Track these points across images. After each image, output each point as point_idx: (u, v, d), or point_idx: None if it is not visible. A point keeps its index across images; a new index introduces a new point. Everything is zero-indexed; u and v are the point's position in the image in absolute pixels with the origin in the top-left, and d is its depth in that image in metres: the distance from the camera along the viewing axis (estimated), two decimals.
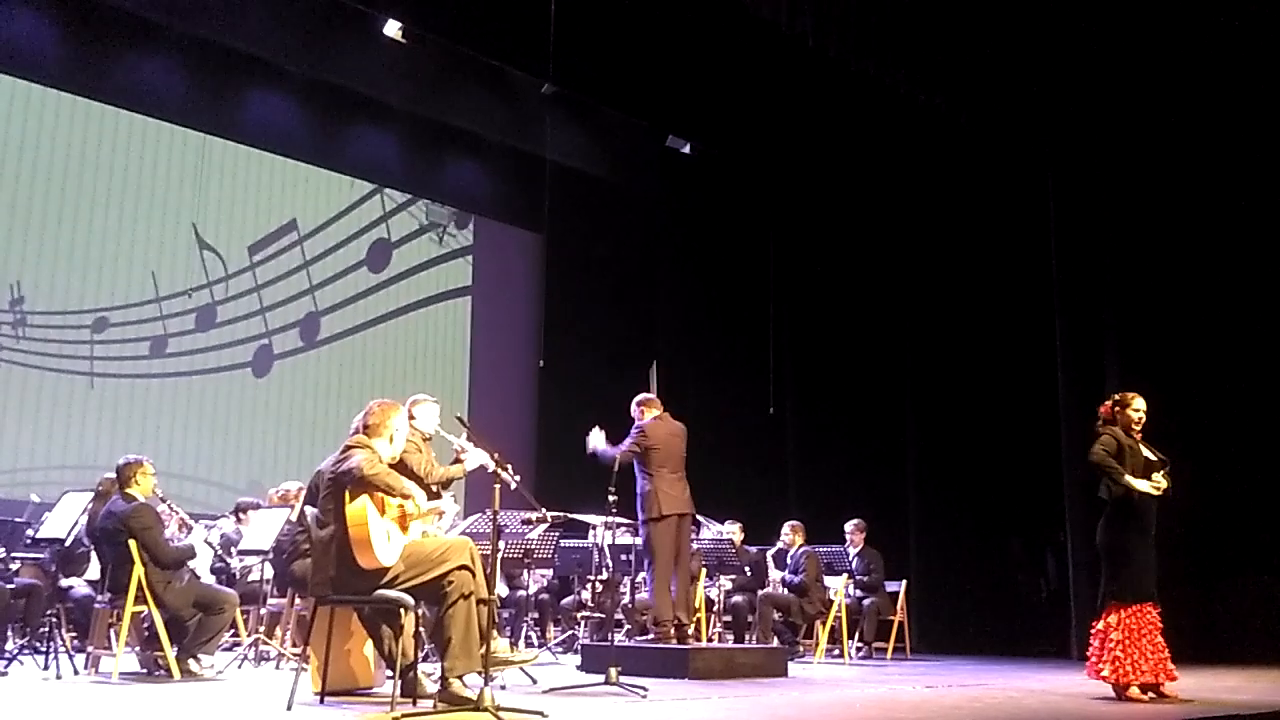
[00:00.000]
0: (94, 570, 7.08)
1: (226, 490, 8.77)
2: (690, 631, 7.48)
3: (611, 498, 6.50)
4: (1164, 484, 6.02)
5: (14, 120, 8.64)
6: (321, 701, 5.02)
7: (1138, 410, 6.20)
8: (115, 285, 8.41)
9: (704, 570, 9.16)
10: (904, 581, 10.49)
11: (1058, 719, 5.18)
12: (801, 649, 9.70)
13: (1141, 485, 5.97)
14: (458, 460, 6.05)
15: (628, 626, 8.61)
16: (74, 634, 7.32)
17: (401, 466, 5.96)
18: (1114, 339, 10.81)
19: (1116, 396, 6.31)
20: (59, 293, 8.16)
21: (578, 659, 7.57)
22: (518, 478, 5.81)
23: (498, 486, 4.76)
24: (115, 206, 8.43)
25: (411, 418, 6.20)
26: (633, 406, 7.68)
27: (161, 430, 8.42)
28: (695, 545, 8.60)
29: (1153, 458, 6.15)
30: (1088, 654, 6.09)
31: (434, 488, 5.96)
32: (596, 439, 7.37)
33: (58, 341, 8.12)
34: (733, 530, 9.64)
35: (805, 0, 9.55)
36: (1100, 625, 6.02)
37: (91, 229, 8.34)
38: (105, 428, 8.17)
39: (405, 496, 4.82)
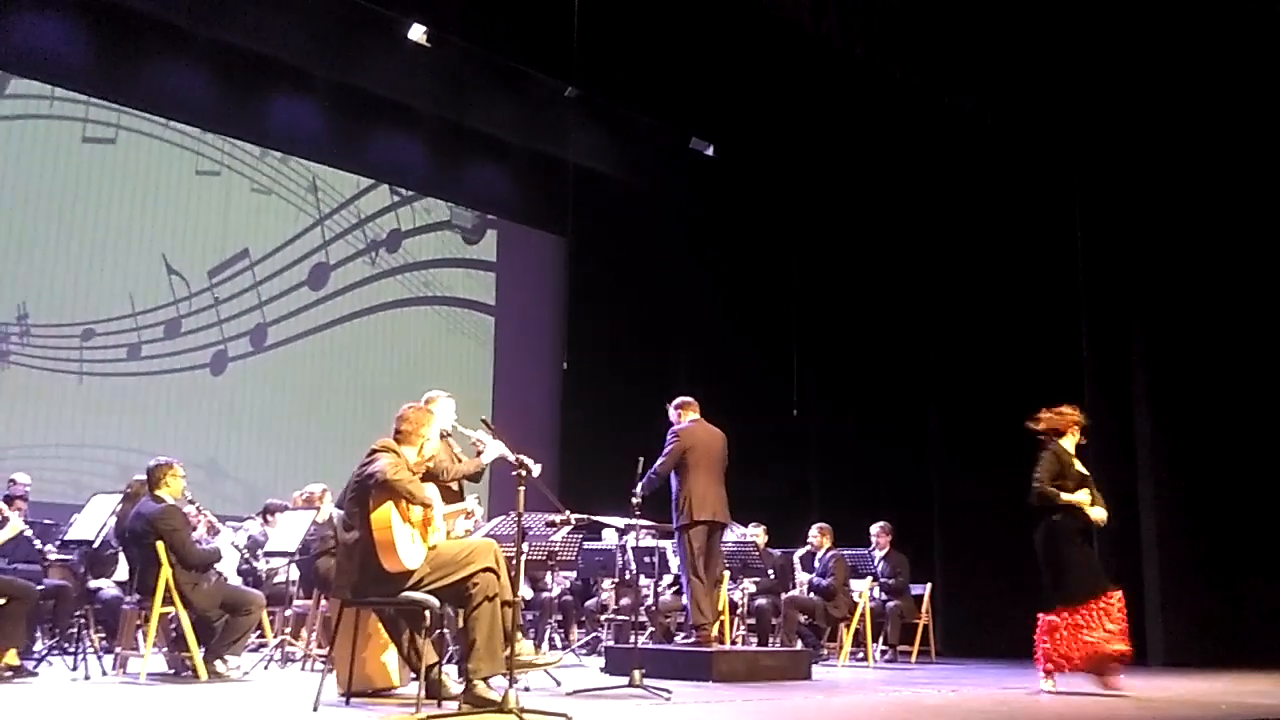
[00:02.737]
0: (122, 571, 7.14)
1: (187, 465, 10.30)
2: (714, 634, 7.46)
3: (635, 500, 6.50)
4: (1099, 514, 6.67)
5: (23, 159, 9.99)
6: (347, 703, 5.03)
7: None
8: (100, 303, 10.16)
9: (727, 573, 9.14)
10: (928, 584, 10.44)
11: None
12: (825, 652, 9.66)
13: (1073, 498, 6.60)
14: (477, 454, 6.05)
15: (651, 629, 8.61)
16: (102, 635, 7.38)
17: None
18: (1140, 341, 10.73)
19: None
20: (55, 309, 9.91)
21: (601, 661, 7.58)
22: (539, 465, 5.80)
23: (522, 490, 4.76)
24: (100, 239, 10.21)
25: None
26: (670, 409, 7.59)
27: (135, 418, 10.22)
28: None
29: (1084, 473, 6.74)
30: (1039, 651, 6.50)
31: (453, 485, 5.97)
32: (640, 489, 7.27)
33: (54, 348, 9.85)
34: (756, 533, 9.61)
35: (830, 0, 9.52)
36: (1048, 621, 6.45)
37: (81, 258, 10.09)
38: (91, 417, 9.99)
39: (425, 505, 4.83)
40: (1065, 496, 6.54)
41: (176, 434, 10.30)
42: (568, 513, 6.84)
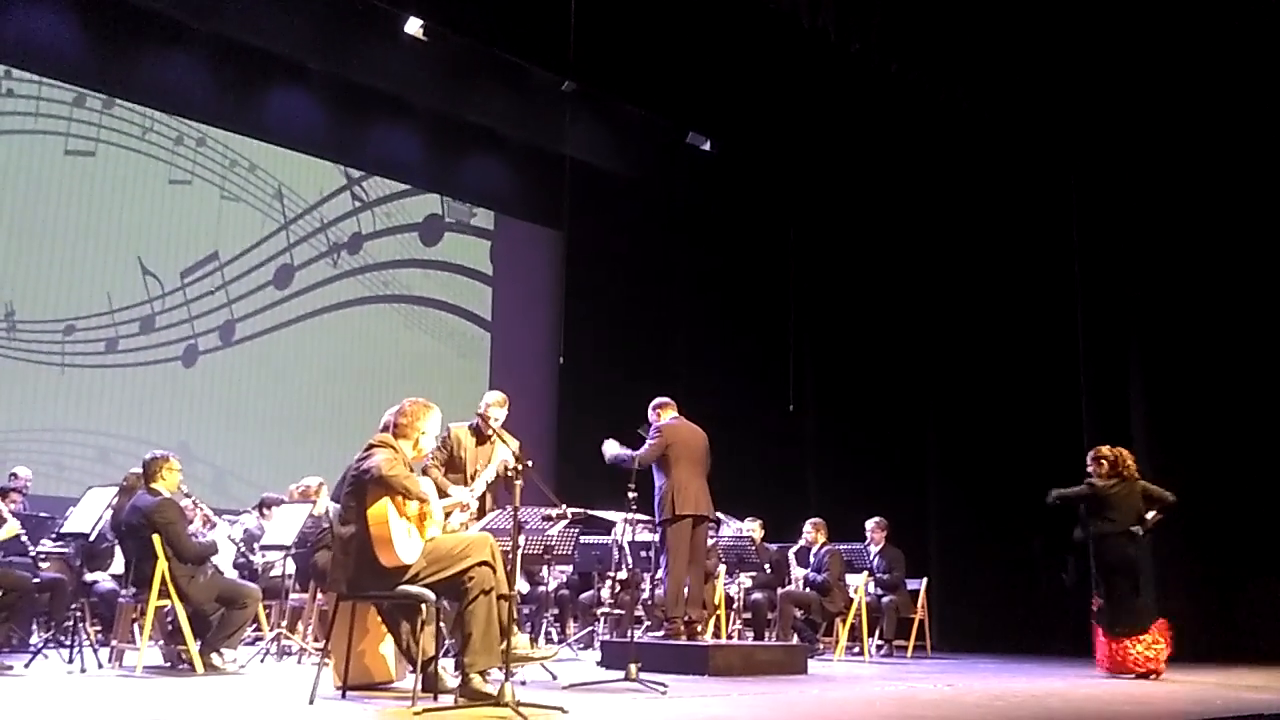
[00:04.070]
0: (118, 565, 7.14)
1: (160, 449, 11.05)
2: (700, 629, 7.47)
3: (631, 494, 6.50)
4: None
5: (9, 171, 10.49)
6: (343, 696, 5.04)
7: None
8: (80, 301, 10.84)
9: (723, 568, 9.15)
10: (924, 579, 10.45)
11: (1081, 719, 5.16)
12: (821, 647, 9.68)
13: None
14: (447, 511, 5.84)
15: (648, 623, 8.61)
16: (98, 628, 7.38)
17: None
18: (1136, 334, 10.75)
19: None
20: (39, 306, 10.60)
21: (598, 655, 7.58)
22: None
23: (519, 483, 4.75)
24: (81, 243, 10.92)
25: (494, 419, 6.31)
26: (650, 410, 7.70)
27: (112, 406, 10.97)
28: (713, 541, 8.59)
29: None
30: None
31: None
32: (611, 447, 7.36)
33: (38, 342, 10.56)
34: (753, 528, 9.62)
35: None
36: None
37: (64, 259, 10.80)
38: (72, 405, 10.74)
39: (421, 500, 4.83)
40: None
41: (150, 421, 11.06)
42: (564, 507, 6.85)
